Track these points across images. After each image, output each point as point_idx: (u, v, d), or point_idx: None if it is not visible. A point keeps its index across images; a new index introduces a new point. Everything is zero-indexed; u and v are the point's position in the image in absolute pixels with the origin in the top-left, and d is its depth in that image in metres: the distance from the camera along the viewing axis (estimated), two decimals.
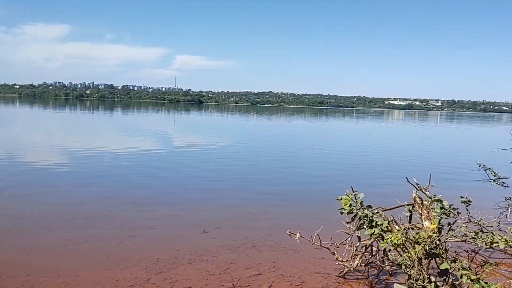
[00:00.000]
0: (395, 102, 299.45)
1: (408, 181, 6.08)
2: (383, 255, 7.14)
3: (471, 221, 8.97)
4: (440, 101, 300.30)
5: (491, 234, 5.37)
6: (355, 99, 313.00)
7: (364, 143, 34.80)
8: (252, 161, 21.41)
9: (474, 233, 5.41)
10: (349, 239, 6.93)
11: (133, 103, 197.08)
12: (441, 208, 5.60)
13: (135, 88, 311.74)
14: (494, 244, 5.31)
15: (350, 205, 5.98)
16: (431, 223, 5.62)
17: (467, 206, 8.74)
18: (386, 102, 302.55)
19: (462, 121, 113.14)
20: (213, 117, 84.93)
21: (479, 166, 10.37)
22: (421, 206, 5.98)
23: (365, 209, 5.99)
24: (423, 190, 6.17)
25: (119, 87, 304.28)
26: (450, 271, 5.30)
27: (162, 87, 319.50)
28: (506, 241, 5.25)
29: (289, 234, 6.38)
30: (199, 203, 12.02)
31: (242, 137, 36.93)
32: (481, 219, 9.02)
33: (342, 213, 6.25)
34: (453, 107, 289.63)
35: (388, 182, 16.22)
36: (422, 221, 5.97)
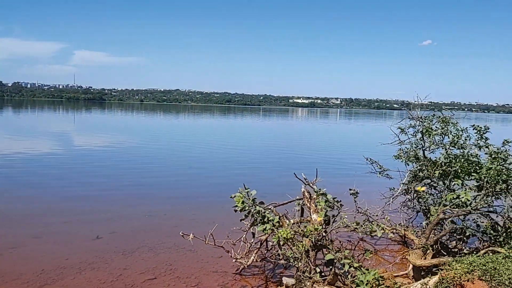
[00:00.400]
0: (299, 101, 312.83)
1: (296, 176, 6.29)
2: (278, 250, 7.33)
3: (359, 211, 9.64)
4: (339, 100, 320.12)
5: (370, 224, 5.76)
6: (261, 98, 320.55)
7: (268, 141, 35.70)
8: (154, 162, 20.80)
9: (355, 224, 5.75)
10: (244, 236, 7.00)
11: (26, 101, 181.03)
12: (325, 201, 5.87)
13: (28, 86, 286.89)
14: (373, 233, 5.70)
15: (243, 202, 6.02)
16: (318, 216, 5.87)
17: (355, 197, 9.35)
18: (291, 101, 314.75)
19: (358, 117, 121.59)
20: (117, 116, 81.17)
21: (367, 160, 11.12)
22: (309, 200, 6.21)
23: (257, 205, 6.07)
24: (311, 184, 6.42)
25: (9, 84, 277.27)
26: (335, 260, 5.58)
27: (59, 85, 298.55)
28: (383, 229, 5.66)
29: (182, 235, 6.25)
30: (93, 208, 11.34)
31: (146, 137, 35.78)
32: (367, 209, 9.73)
33: (236, 210, 6.27)
34: (350, 105, 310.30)
35: (289, 178, 16.79)
36: (311, 215, 6.21)
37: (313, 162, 22.00)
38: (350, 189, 9.41)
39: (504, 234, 8.15)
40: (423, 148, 9.30)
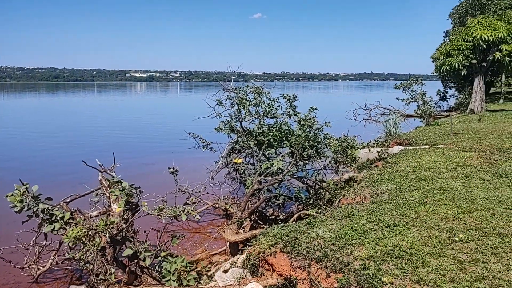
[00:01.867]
0: (137, 75, 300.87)
1: (86, 164, 5.41)
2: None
3: (180, 189, 9.23)
4: (178, 73, 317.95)
5: (174, 207, 5.31)
6: (95, 72, 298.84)
7: (97, 122, 32.87)
8: None
9: (158, 209, 5.23)
10: (34, 238, 5.91)
11: None
12: (122, 189, 5.18)
13: None
14: (178, 217, 5.27)
15: (22, 201, 4.94)
16: (118, 206, 5.16)
17: (175, 176, 8.87)
18: (128, 75, 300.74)
19: (198, 90, 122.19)
20: None
21: (190, 134, 10.65)
22: (107, 189, 5.44)
23: (42, 202, 5.06)
24: (108, 171, 5.64)
25: None
26: (138, 254, 4.98)
27: None
28: (189, 212, 5.26)
29: None
30: None
31: None
32: (187, 186, 9.37)
33: (16, 211, 5.14)
34: (190, 78, 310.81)
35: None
36: (111, 205, 5.47)
37: (142, 141, 20.80)
38: (169, 168, 8.91)
39: (314, 196, 8.66)
40: (240, 120, 9.24)
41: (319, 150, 9.28)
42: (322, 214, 6.23)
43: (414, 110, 23.01)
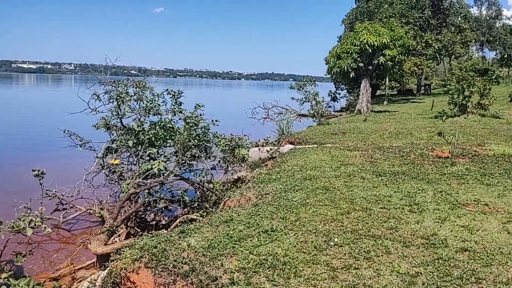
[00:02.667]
0: (25, 66, 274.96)
1: None
2: None
3: (48, 194, 8.15)
4: (73, 65, 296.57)
5: (18, 219, 4.45)
6: None
7: None
8: None
9: None
10: None
11: None
12: None
13: None
14: (22, 230, 4.43)
15: None
16: None
17: (40, 179, 7.79)
18: (14, 65, 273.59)
19: (96, 84, 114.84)
20: None
21: (64, 132, 9.50)
22: None
23: None
24: None
25: None
26: None
27: None
28: (36, 224, 4.44)
29: None
30: None
31: None
32: (55, 191, 8.32)
33: None
34: (86, 71, 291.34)
35: None
36: None
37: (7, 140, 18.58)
38: (34, 170, 7.82)
39: (200, 198, 8.18)
40: (120, 116, 8.41)
41: (207, 150, 8.83)
42: (202, 218, 5.77)
43: (308, 110, 23.75)
